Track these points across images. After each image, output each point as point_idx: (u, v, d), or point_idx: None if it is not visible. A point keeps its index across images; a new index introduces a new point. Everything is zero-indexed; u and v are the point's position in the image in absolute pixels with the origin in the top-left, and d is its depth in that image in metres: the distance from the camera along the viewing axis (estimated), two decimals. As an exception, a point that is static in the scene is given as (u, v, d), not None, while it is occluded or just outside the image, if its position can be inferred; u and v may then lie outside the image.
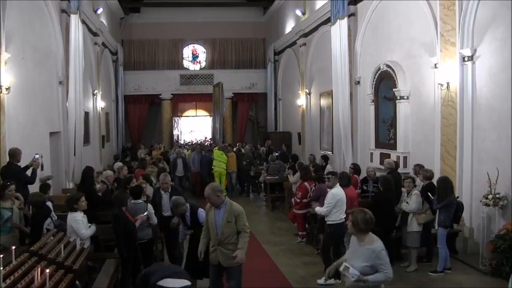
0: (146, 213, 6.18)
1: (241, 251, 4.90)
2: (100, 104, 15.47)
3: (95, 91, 14.86)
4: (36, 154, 7.63)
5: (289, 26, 17.91)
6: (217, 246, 4.99)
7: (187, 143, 20.86)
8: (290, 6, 17.83)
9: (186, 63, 22.37)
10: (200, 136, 22.70)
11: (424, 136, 8.88)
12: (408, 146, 9.43)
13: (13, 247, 4.37)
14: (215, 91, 18.30)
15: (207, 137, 21.70)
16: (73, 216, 5.77)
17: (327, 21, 12.84)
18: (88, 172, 8.23)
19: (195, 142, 20.24)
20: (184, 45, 22.11)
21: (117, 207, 5.86)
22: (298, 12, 16.25)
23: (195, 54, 22.49)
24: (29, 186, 7.20)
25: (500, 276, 6.27)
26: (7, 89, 7.68)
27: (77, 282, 4.67)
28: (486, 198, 6.78)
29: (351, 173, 8.58)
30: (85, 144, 12.54)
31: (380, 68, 10.15)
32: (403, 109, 9.46)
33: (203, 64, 22.42)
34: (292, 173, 10.22)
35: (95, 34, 14.70)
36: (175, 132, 22.45)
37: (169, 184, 7.05)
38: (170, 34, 21.26)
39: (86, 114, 13.15)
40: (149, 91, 20.57)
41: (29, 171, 7.35)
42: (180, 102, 21.93)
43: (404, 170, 9.06)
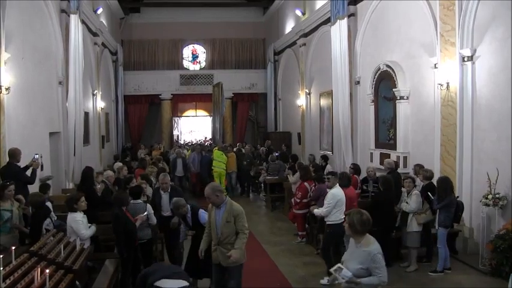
0: (146, 213, 6.19)
1: (236, 251, 4.89)
2: (100, 104, 15.46)
3: (95, 91, 14.85)
4: (36, 154, 7.61)
5: (289, 26, 17.90)
6: (217, 245, 5.01)
7: (187, 143, 20.84)
8: (290, 6, 17.83)
9: (186, 63, 22.35)
10: (200, 136, 22.66)
11: (424, 136, 8.88)
12: (408, 146, 9.43)
13: (13, 247, 4.37)
14: (215, 91, 18.29)
15: (207, 137, 21.68)
16: (73, 216, 5.77)
17: (327, 21, 12.84)
18: (88, 172, 8.24)
19: (195, 142, 20.22)
20: (184, 45, 22.09)
21: (117, 207, 5.86)
22: (298, 12, 16.23)
23: (195, 54, 22.46)
24: (29, 186, 7.19)
25: (500, 276, 6.27)
26: (7, 89, 7.68)
27: (77, 282, 4.67)
28: (486, 198, 6.79)
29: (351, 173, 8.58)
30: (85, 144, 12.52)
31: (380, 68, 10.15)
32: (403, 109, 9.47)
33: (203, 64, 22.40)
34: (292, 173, 10.20)
35: (95, 34, 14.69)
36: (175, 132, 22.43)
37: (168, 184, 7.06)
38: (170, 34, 21.24)
39: (86, 114, 13.14)
40: (149, 91, 20.56)
41: (29, 171, 7.34)
42: (180, 102, 21.92)
43: (404, 170, 9.06)
